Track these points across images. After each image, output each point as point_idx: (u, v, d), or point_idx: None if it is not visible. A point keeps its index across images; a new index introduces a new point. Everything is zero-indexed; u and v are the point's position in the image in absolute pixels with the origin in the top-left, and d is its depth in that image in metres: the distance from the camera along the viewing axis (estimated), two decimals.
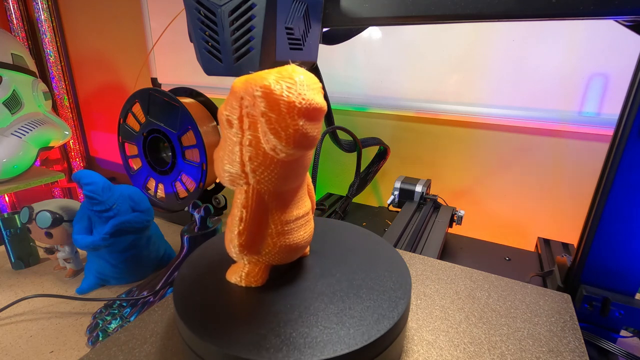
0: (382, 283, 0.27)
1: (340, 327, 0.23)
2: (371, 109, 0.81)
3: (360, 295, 0.26)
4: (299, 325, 0.23)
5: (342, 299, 0.26)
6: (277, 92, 0.20)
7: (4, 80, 0.80)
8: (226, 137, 0.23)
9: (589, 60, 0.59)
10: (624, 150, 0.34)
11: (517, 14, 0.31)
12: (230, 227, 0.25)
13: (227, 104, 0.22)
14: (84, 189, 0.46)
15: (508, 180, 0.72)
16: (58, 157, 1.40)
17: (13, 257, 0.54)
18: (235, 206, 0.24)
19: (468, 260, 0.55)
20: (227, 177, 0.24)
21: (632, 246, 0.35)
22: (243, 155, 0.22)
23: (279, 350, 0.21)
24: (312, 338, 0.22)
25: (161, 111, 0.63)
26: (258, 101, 0.20)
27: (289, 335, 0.22)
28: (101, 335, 0.40)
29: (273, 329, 0.23)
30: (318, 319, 0.24)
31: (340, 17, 0.37)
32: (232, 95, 0.22)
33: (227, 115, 0.22)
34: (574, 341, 0.29)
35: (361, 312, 0.24)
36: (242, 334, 0.22)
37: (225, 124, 0.22)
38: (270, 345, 0.21)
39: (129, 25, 1.14)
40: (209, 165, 0.62)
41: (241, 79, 0.21)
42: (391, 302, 0.25)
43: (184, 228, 0.49)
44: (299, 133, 0.20)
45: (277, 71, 0.21)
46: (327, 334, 0.22)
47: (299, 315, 0.24)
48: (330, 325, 0.23)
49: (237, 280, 0.27)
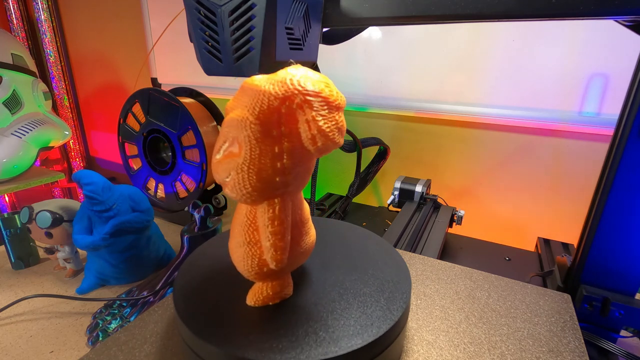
0: (382, 283, 0.27)
1: (340, 327, 0.23)
2: (371, 109, 0.81)
3: (360, 295, 0.26)
4: (298, 326, 0.23)
5: (342, 299, 0.26)
6: (326, 92, 0.20)
7: (4, 80, 0.80)
8: (257, 148, 0.20)
9: (589, 60, 0.59)
10: (624, 150, 0.34)
11: (517, 14, 0.31)
12: (267, 248, 0.22)
13: (256, 110, 0.20)
14: (84, 189, 0.46)
15: (508, 180, 0.72)
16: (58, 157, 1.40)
17: (13, 257, 0.54)
18: (268, 224, 0.22)
19: (468, 260, 0.55)
20: (255, 194, 0.21)
21: (632, 246, 0.35)
22: (284, 162, 0.21)
23: (279, 350, 0.21)
24: (312, 338, 0.22)
25: (161, 111, 0.63)
26: (314, 101, 0.20)
27: (289, 336, 0.22)
28: (101, 335, 0.40)
29: (272, 329, 0.23)
30: (318, 319, 0.24)
31: (340, 17, 0.37)
32: (266, 100, 0.20)
33: (258, 122, 0.20)
34: (574, 341, 0.29)
35: (361, 312, 0.24)
36: (241, 334, 0.22)
37: (258, 133, 0.20)
38: (270, 345, 0.21)
39: (129, 25, 1.14)
40: (209, 165, 0.62)
41: (267, 83, 0.20)
42: (391, 302, 0.25)
43: (184, 228, 0.49)
44: (344, 127, 0.21)
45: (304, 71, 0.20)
46: (326, 334, 0.22)
47: (298, 316, 0.24)
48: (330, 326, 0.23)
49: (271, 299, 0.25)
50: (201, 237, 0.47)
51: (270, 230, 0.22)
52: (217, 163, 0.22)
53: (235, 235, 0.24)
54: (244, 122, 0.20)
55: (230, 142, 0.21)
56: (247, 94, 0.20)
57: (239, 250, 0.24)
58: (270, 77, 0.20)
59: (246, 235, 0.23)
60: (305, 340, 0.22)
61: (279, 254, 0.22)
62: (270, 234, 0.22)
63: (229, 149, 0.21)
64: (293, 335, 0.22)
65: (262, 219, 0.22)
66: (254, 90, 0.20)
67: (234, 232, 0.25)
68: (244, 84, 0.21)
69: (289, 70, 0.20)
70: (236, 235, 0.24)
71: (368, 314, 0.24)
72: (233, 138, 0.21)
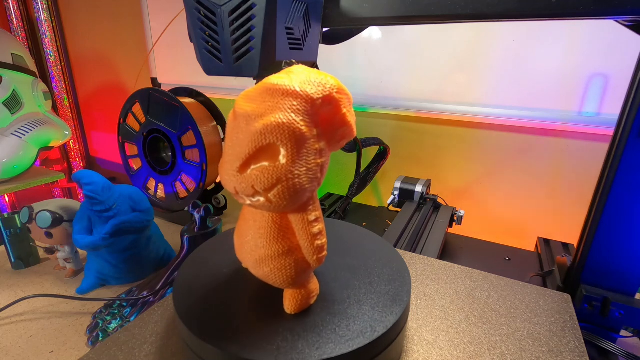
0: (382, 283, 0.27)
1: (340, 327, 0.23)
2: (371, 109, 0.81)
3: (360, 295, 0.26)
4: (298, 326, 0.23)
5: (342, 299, 0.26)
6: (347, 90, 0.21)
7: (4, 80, 0.80)
8: (305, 150, 0.20)
9: (589, 60, 0.59)
10: (624, 150, 0.34)
11: (517, 14, 0.31)
12: (313, 250, 0.22)
13: (301, 113, 0.19)
14: (84, 189, 0.46)
15: (508, 180, 0.72)
16: (58, 157, 1.40)
17: (13, 257, 0.54)
18: (313, 225, 0.22)
19: (468, 260, 0.55)
20: (303, 198, 0.21)
21: (632, 246, 0.35)
22: (322, 161, 0.21)
23: (278, 350, 0.21)
24: (312, 338, 0.22)
25: (161, 111, 0.63)
26: (343, 99, 0.21)
27: (288, 336, 0.22)
28: (101, 335, 0.40)
29: (272, 329, 0.23)
30: (318, 320, 0.24)
31: (340, 17, 0.37)
32: (310, 102, 0.19)
33: (305, 125, 0.19)
34: (574, 341, 0.29)
35: (361, 312, 0.24)
36: (241, 334, 0.22)
37: (306, 136, 0.19)
38: (270, 345, 0.21)
39: (129, 25, 1.14)
40: (209, 165, 0.62)
41: (304, 85, 0.19)
42: (391, 302, 0.25)
43: (184, 228, 0.49)
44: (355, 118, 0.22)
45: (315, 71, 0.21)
46: (326, 334, 0.22)
47: (298, 316, 0.24)
48: (330, 326, 0.23)
49: (311, 299, 0.25)
50: (201, 237, 0.47)
51: (316, 230, 0.22)
52: (250, 174, 0.19)
53: (264, 248, 0.23)
54: (291, 127, 0.19)
55: (268, 149, 0.19)
56: (276, 96, 0.19)
57: (277, 261, 0.23)
58: (302, 79, 0.20)
59: (283, 244, 0.23)
60: (306, 340, 0.22)
61: (324, 251, 0.23)
62: (315, 234, 0.22)
63: (267, 158, 0.19)
64: (293, 336, 0.22)
65: (302, 222, 0.22)
66: (292, 93, 0.19)
67: (258, 246, 0.23)
68: (271, 87, 0.19)
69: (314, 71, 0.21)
70: (266, 247, 0.23)
71: (368, 314, 0.24)
72: (273, 144, 0.19)
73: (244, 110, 0.20)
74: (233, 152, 0.20)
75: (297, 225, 0.22)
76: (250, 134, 0.19)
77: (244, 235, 0.24)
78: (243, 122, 0.20)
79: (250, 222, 0.24)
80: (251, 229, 0.24)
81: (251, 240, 0.24)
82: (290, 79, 0.20)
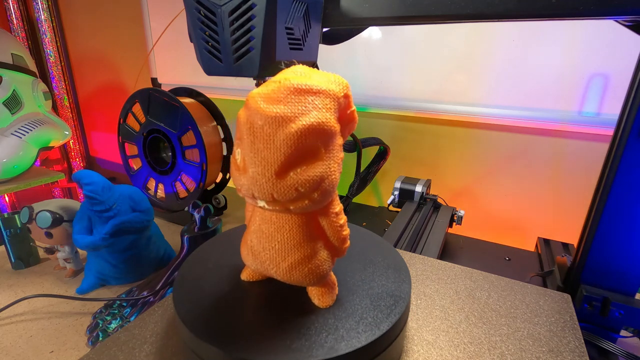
0: (382, 283, 0.27)
1: (340, 327, 0.23)
2: (371, 109, 0.81)
3: (360, 295, 0.26)
4: (298, 326, 0.23)
5: (342, 299, 0.26)
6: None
7: (4, 80, 0.80)
8: (336, 145, 0.21)
9: (589, 60, 0.59)
10: (624, 150, 0.34)
11: (517, 14, 0.31)
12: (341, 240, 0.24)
13: (335, 113, 0.20)
14: (84, 189, 0.46)
15: (508, 180, 0.72)
16: (58, 157, 1.40)
17: (13, 257, 0.54)
18: (339, 217, 0.23)
19: (468, 260, 0.55)
20: (335, 193, 0.22)
21: (632, 246, 0.35)
22: (343, 155, 0.22)
23: (278, 350, 0.21)
24: (312, 338, 0.22)
25: (161, 111, 0.63)
26: (351, 96, 0.22)
27: (288, 336, 0.22)
28: (101, 335, 0.40)
29: (272, 329, 0.23)
30: (317, 320, 0.24)
31: (340, 17, 0.37)
32: (337, 101, 0.20)
33: (338, 123, 0.20)
34: (574, 341, 0.29)
35: (361, 312, 0.24)
36: (241, 334, 0.22)
37: (339, 134, 0.21)
38: (269, 345, 0.21)
39: (129, 25, 1.14)
40: (209, 165, 0.62)
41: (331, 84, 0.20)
42: (391, 302, 0.25)
43: (184, 228, 0.49)
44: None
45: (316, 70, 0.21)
46: (327, 334, 0.22)
47: (298, 316, 0.24)
48: (330, 326, 0.23)
49: (336, 290, 0.26)
50: (201, 237, 0.47)
51: (342, 221, 0.23)
52: (292, 178, 0.19)
53: (297, 251, 0.23)
54: (327, 125, 0.19)
55: (308, 149, 0.19)
56: (306, 97, 0.19)
57: (312, 262, 0.23)
58: (323, 78, 0.20)
59: (313, 244, 0.23)
60: (305, 340, 0.22)
61: (348, 242, 0.24)
62: (342, 225, 0.23)
63: (307, 159, 0.20)
64: (293, 336, 0.22)
65: (330, 216, 0.23)
66: (322, 92, 0.19)
67: (290, 251, 0.23)
68: (298, 87, 0.19)
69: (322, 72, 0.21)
70: (300, 250, 0.23)
71: (368, 314, 0.24)
72: (312, 144, 0.19)
73: (271, 113, 0.19)
74: (261, 158, 0.19)
75: (325, 220, 0.23)
76: (286, 136, 0.19)
77: (267, 247, 0.23)
78: (269, 125, 0.19)
79: (271, 232, 0.23)
80: (275, 238, 0.23)
81: (279, 248, 0.23)
82: (312, 78, 0.20)
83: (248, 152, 0.20)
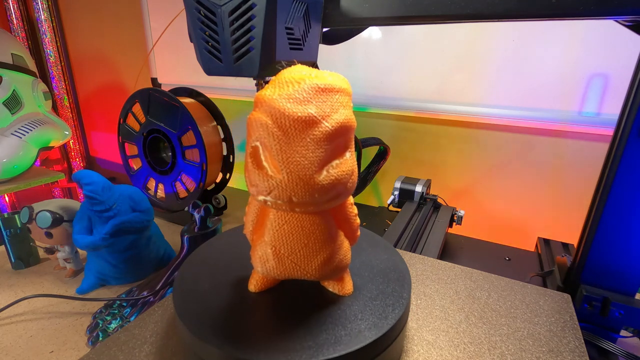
0: (382, 283, 0.27)
1: (340, 327, 0.23)
2: (371, 109, 0.81)
3: (360, 296, 0.26)
4: (298, 326, 0.23)
5: (342, 299, 0.26)
6: None
7: (4, 80, 0.80)
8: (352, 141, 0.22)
9: (589, 60, 0.59)
10: (624, 150, 0.34)
11: (517, 14, 0.31)
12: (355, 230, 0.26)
13: (349, 110, 0.21)
14: (84, 189, 0.46)
15: (508, 180, 0.72)
16: (58, 157, 1.40)
17: (13, 257, 0.54)
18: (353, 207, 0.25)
19: (468, 260, 0.55)
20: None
21: (632, 246, 0.35)
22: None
23: (278, 350, 0.21)
24: (311, 338, 0.22)
25: (161, 111, 0.63)
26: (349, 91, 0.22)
27: (288, 336, 0.22)
28: (101, 335, 0.40)
29: (271, 329, 0.23)
30: (317, 320, 0.24)
31: (340, 17, 0.37)
32: (350, 98, 0.21)
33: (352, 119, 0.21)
34: (574, 341, 0.29)
35: (361, 312, 0.24)
36: (241, 335, 0.22)
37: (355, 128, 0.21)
38: (269, 345, 0.21)
39: (129, 25, 1.14)
40: (209, 165, 0.62)
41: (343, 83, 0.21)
42: (391, 302, 0.25)
43: (184, 228, 0.49)
44: None
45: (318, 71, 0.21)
46: (326, 334, 0.22)
47: (298, 316, 0.24)
48: (329, 326, 0.23)
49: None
50: (201, 237, 0.47)
51: (355, 211, 0.25)
52: (331, 175, 0.20)
53: (326, 248, 0.23)
54: (353, 120, 0.21)
55: (339, 145, 0.20)
56: (331, 95, 0.20)
57: (338, 255, 0.24)
58: (333, 75, 0.21)
59: (336, 239, 0.24)
60: (306, 341, 0.22)
61: (359, 230, 0.26)
62: (356, 214, 0.25)
63: (337, 154, 0.21)
64: (293, 336, 0.22)
65: (346, 206, 0.24)
66: (343, 90, 0.21)
67: (319, 250, 0.23)
68: (323, 86, 0.19)
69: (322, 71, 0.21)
70: (327, 246, 0.23)
71: (368, 314, 0.24)
72: (342, 140, 0.21)
73: (303, 114, 0.19)
74: (296, 161, 0.19)
75: (342, 210, 0.24)
76: (322, 135, 0.19)
77: (296, 248, 0.23)
78: (302, 126, 0.19)
79: (299, 233, 0.23)
80: (305, 238, 0.23)
81: (311, 247, 0.23)
82: (328, 78, 0.20)
83: (277, 156, 0.19)
